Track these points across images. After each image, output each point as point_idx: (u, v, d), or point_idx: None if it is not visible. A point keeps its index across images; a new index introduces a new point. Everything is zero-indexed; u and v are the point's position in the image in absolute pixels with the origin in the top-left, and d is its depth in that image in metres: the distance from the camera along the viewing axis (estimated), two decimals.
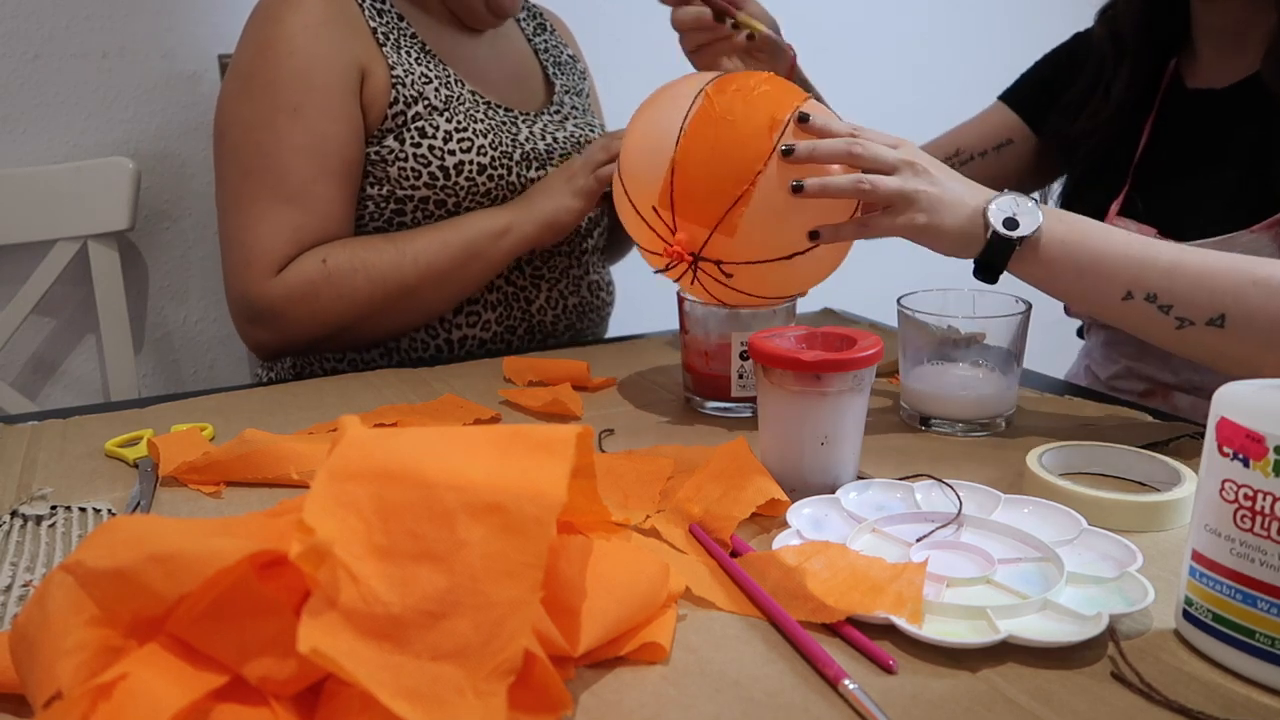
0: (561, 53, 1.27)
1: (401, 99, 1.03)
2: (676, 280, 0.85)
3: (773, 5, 1.05)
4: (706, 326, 0.85)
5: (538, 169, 1.11)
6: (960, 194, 0.78)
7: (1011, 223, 0.76)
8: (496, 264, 1.06)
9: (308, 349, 1.08)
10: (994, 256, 0.77)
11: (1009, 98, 1.18)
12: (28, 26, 1.29)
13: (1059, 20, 1.19)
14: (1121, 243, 0.76)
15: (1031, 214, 0.76)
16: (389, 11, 1.06)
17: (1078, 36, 1.15)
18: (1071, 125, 1.08)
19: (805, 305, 0.92)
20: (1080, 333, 1.15)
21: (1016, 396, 0.84)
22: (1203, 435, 0.49)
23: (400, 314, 1.05)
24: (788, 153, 0.77)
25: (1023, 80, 1.18)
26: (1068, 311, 1.09)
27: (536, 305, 1.13)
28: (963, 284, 0.88)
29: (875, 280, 1.35)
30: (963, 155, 1.16)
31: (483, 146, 1.06)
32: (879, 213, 0.78)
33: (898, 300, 0.85)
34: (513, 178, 1.08)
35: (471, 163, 1.05)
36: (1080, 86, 1.08)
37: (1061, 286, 0.79)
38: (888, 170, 0.78)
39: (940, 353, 0.83)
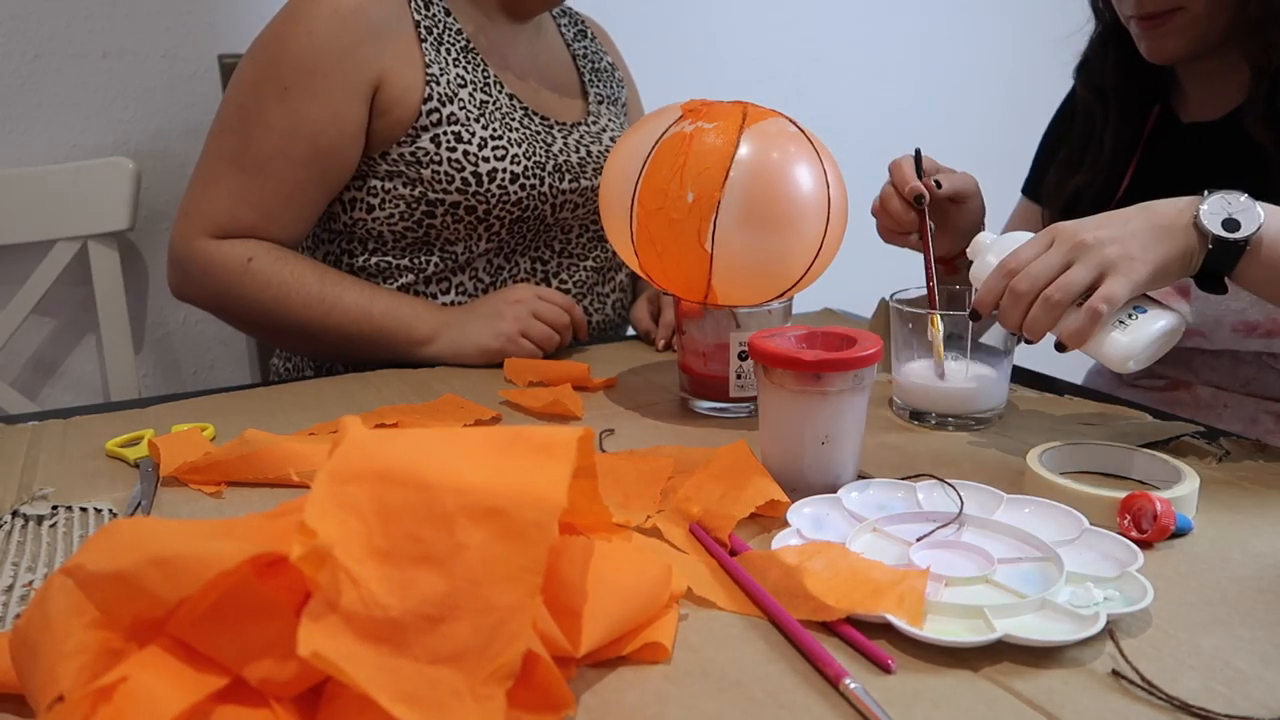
0: (600, 59, 1.26)
1: (436, 96, 1.03)
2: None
3: (772, 5, 1.05)
4: (704, 327, 0.85)
5: (570, 180, 1.10)
6: (1144, 227, 0.71)
7: (1232, 224, 0.70)
8: (399, 357, 1.03)
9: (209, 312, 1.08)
10: (1219, 264, 0.70)
11: (1032, 193, 1.16)
12: (28, 26, 1.29)
13: (1057, 17, 1.19)
14: None
15: (1248, 210, 0.70)
16: (436, 4, 1.06)
17: (1069, 99, 1.14)
18: (1070, 181, 1.05)
19: (805, 305, 0.92)
20: None
21: (1008, 392, 0.84)
22: (1202, 435, 0.49)
23: (292, 344, 1.10)
24: (973, 317, 0.76)
25: (1036, 169, 1.17)
26: None
27: None
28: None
29: (875, 280, 1.35)
30: None
31: (516, 155, 1.06)
32: (1096, 300, 0.70)
33: (890, 297, 0.85)
34: (545, 188, 1.08)
35: (504, 171, 1.05)
36: (1074, 144, 1.08)
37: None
38: (1061, 270, 0.71)
39: (933, 349, 0.83)
